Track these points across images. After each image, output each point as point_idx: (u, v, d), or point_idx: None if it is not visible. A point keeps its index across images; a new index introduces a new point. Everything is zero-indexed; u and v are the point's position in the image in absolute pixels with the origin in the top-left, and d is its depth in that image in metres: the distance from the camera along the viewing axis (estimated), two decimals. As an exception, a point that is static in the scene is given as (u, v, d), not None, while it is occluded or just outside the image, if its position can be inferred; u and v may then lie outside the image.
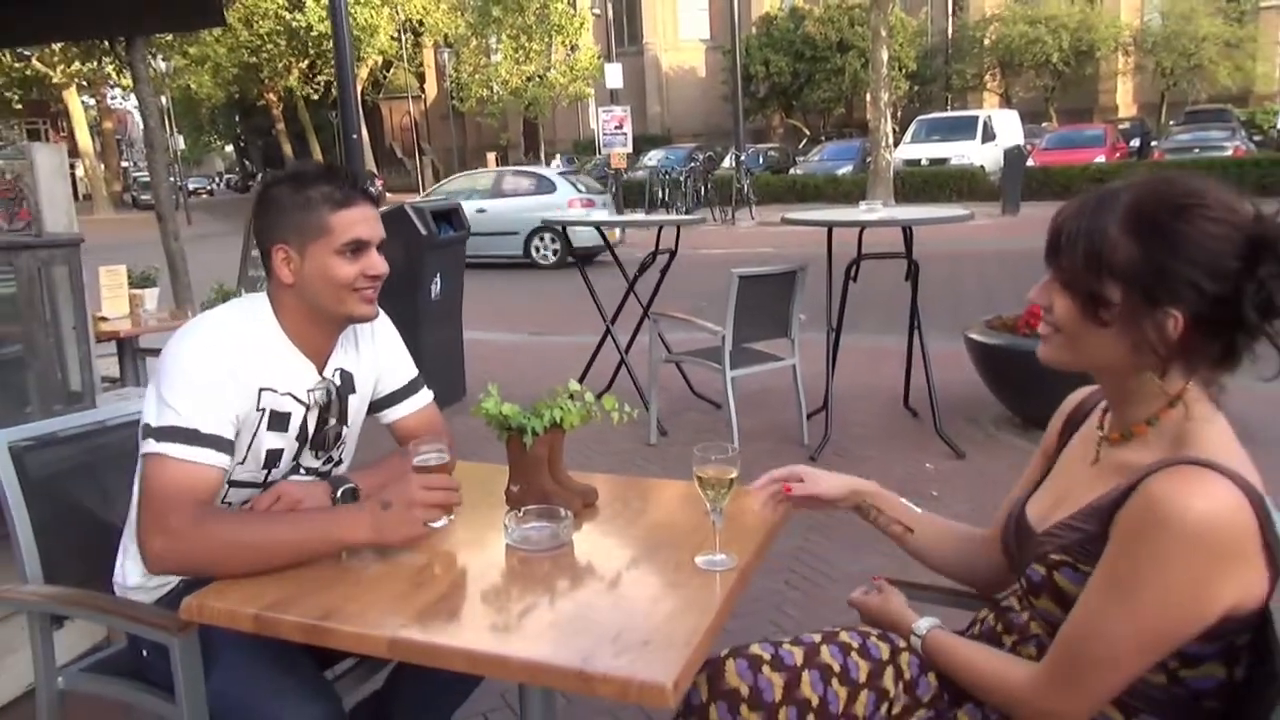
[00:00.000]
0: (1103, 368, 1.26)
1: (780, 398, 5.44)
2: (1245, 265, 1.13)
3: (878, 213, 4.70)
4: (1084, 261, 1.19)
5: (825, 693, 1.40)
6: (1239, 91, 32.18)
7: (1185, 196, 1.17)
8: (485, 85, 35.83)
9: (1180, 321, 1.15)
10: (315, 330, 1.73)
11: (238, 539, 1.48)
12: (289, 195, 1.66)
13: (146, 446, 1.54)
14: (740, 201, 19.24)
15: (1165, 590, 1.11)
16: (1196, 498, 1.09)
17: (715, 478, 1.51)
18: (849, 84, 35.33)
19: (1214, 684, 1.17)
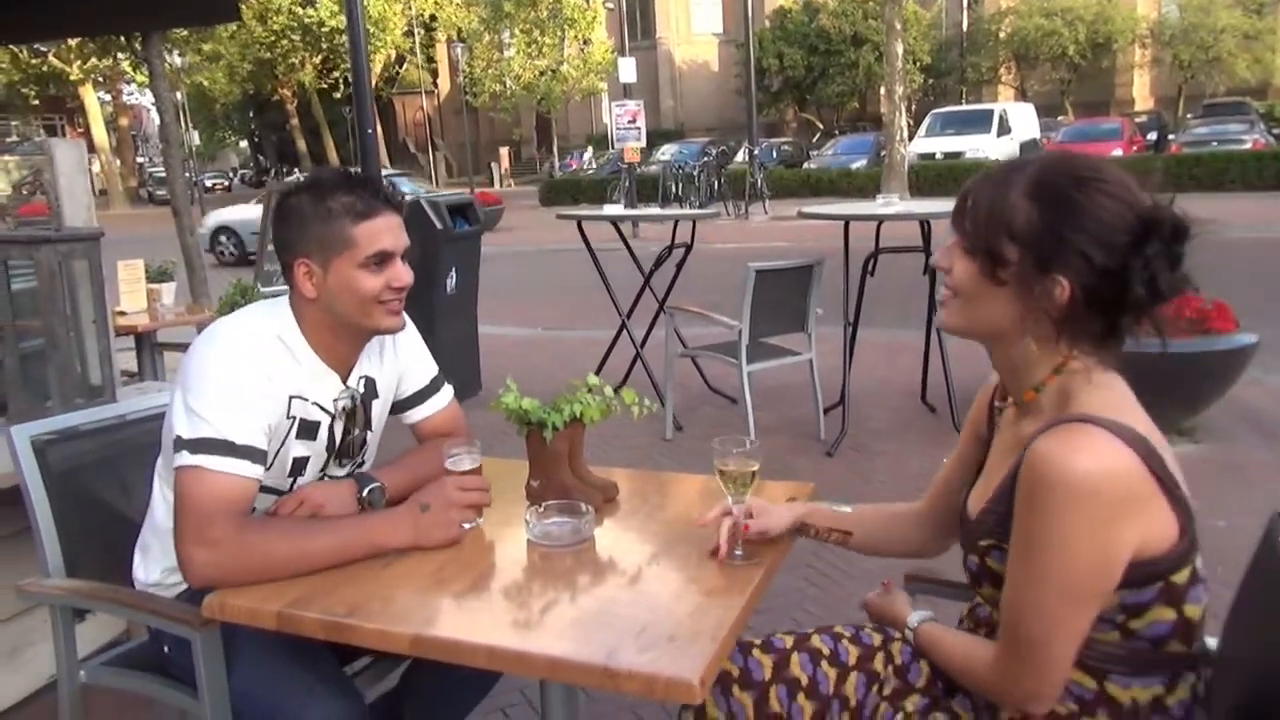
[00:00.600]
0: (995, 333, 1.28)
1: (796, 393, 5.42)
2: (1134, 242, 1.16)
3: (895, 206, 4.67)
4: (986, 224, 1.23)
5: (814, 673, 1.44)
6: (1258, 84, 31.85)
7: (1086, 170, 1.21)
8: (498, 80, 35.86)
9: (1067, 290, 1.18)
10: (339, 342, 1.70)
11: (280, 549, 1.47)
12: (309, 207, 1.61)
13: (181, 459, 1.52)
14: (754, 196, 19.18)
15: (1066, 546, 1.13)
16: (1077, 454, 1.11)
17: (736, 472, 1.50)
18: (863, 78, 35.20)
19: (1168, 627, 1.18)
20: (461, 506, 1.58)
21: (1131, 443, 1.13)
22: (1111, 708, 1.21)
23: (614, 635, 1.26)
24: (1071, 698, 1.22)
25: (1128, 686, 1.20)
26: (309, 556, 1.48)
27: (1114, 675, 1.21)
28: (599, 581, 1.44)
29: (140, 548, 1.80)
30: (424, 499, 1.58)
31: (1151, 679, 1.20)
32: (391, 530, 1.54)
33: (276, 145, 60.51)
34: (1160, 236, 1.16)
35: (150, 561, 1.76)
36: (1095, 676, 1.21)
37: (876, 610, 1.61)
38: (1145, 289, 1.16)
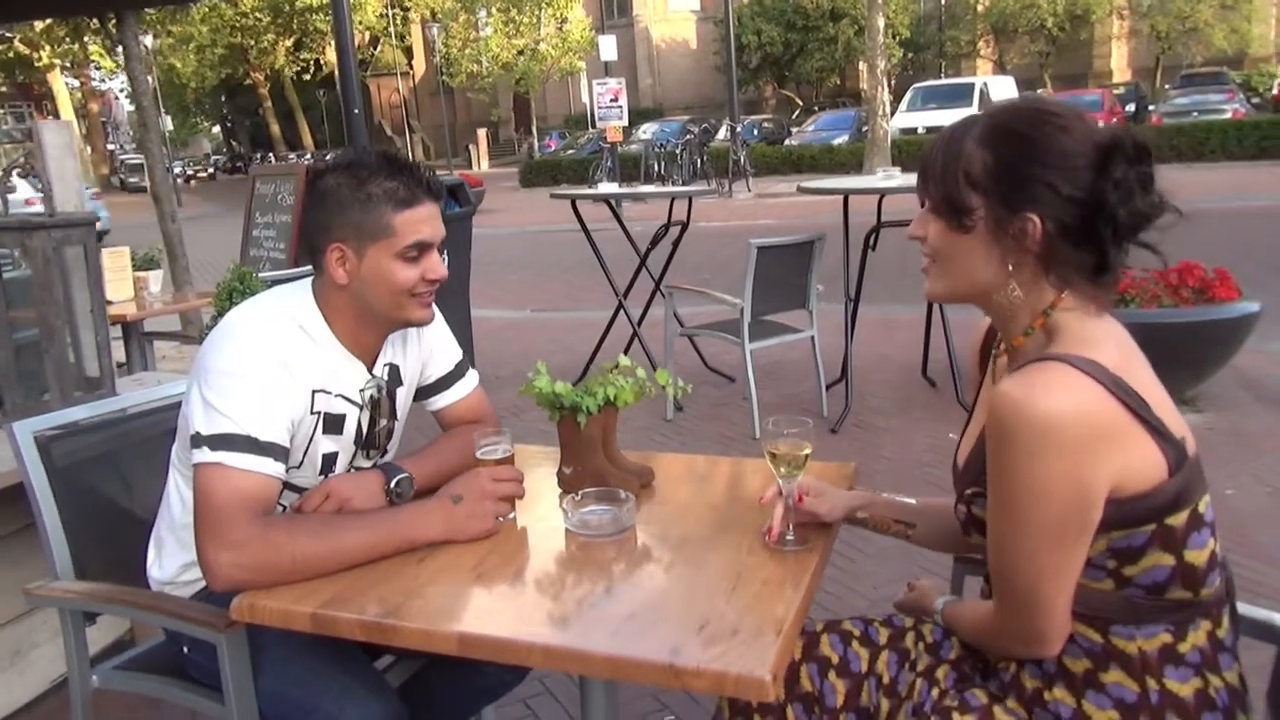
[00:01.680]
0: (980, 288, 1.25)
1: (796, 370, 5.37)
2: (1098, 166, 1.15)
3: (896, 179, 4.61)
4: (945, 178, 1.22)
5: (845, 652, 1.42)
6: (1235, 54, 31.91)
7: (1038, 109, 1.20)
8: (475, 60, 35.49)
9: (1039, 225, 1.16)
10: (366, 332, 1.62)
11: (308, 548, 1.39)
12: (348, 190, 1.52)
13: (200, 456, 1.44)
14: (737, 173, 19.09)
15: (1036, 487, 1.10)
16: (1037, 392, 1.09)
17: (789, 454, 1.43)
18: (841, 53, 35.09)
19: (1166, 572, 1.15)
20: (496, 498, 1.51)
21: (1098, 377, 1.10)
22: (1122, 660, 1.17)
23: (674, 630, 1.19)
24: (1083, 652, 1.19)
25: (1132, 638, 1.17)
26: (339, 554, 1.40)
27: (1115, 626, 1.17)
28: (647, 573, 1.38)
29: (154, 543, 1.72)
30: (456, 490, 1.51)
31: (1154, 628, 1.17)
32: (424, 524, 1.47)
33: (249, 130, 59.79)
34: (1124, 157, 1.15)
35: (165, 557, 1.68)
36: (1098, 629, 1.18)
37: (908, 608, 1.59)
38: (1122, 213, 1.14)
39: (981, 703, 1.27)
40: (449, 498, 1.50)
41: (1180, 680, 1.16)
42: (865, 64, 21.17)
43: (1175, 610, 1.17)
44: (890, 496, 1.56)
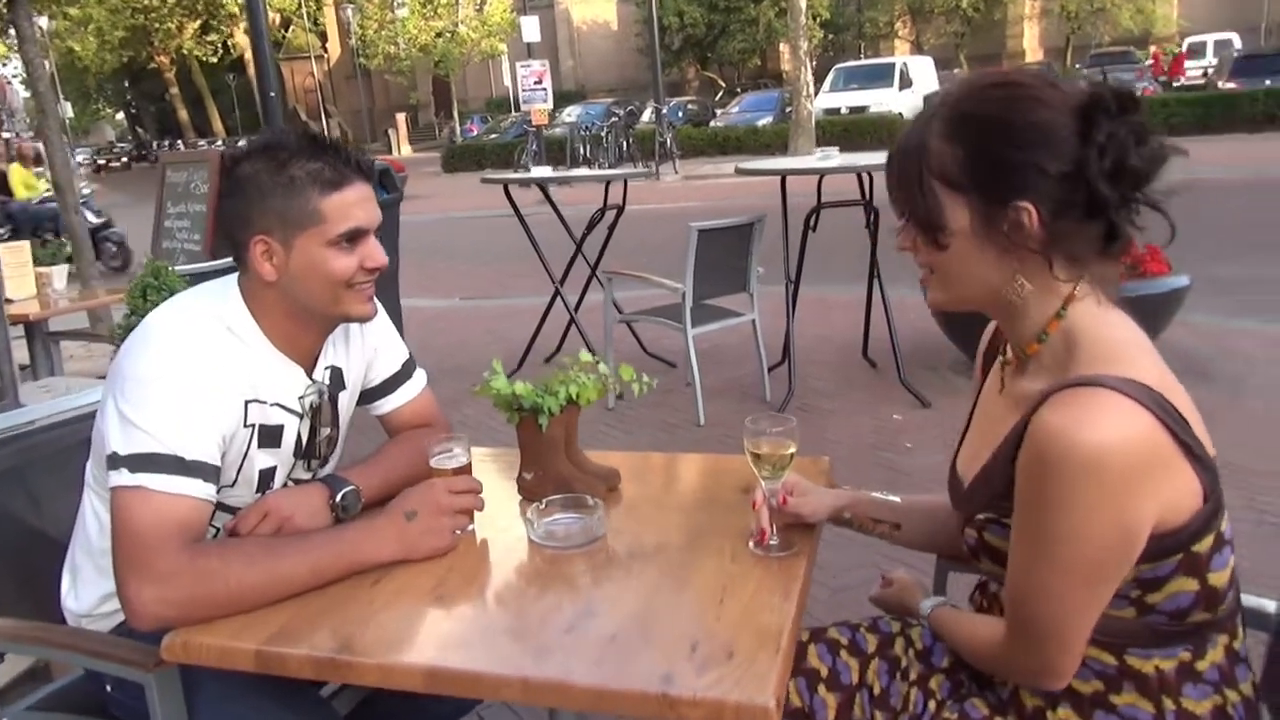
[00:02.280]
0: (988, 291, 1.14)
1: (735, 354, 5.31)
2: (1081, 134, 1.04)
3: (834, 160, 4.56)
4: (919, 185, 1.10)
5: (834, 663, 1.33)
6: (1140, 33, 32.95)
7: (1004, 84, 1.09)
8: (391, 42, 34.64)
9: (1034, 213, 1.06)
10: (302, 332, 1.47)
11: (244, 577, 1.24)
12: (267, 175, 1.37)
13: (119, 478, 1.28)
14: (664, 156, 18.98)
15: (1080, 528, 1.01)
16: (1085, 427, 0.98)
17: (772, 454, 1.34)
18: (763, 34, 35.20)
19: (1190, 598, 1.07)
20: (453, 511, 1.38)
21: (1146, 402, 1.00)
22: (1137, 680, 1.10)
23: (662, 655, 1.09)
24: (1094, 674, 1.12)
25: (1149, 657, 1.10)
26: (279, 582, 1.26)
27: (1132, 649, 1.10)
28: (626, 588, 1.27)
29: (69, 570, 1.55)
30: (409, 505, 1.37)
31: (1173, 649, 1.10)
32: (375, 544, 1.33)
33: (156, 117, 57.56)
34: (1107, 113, 1.04)
35: (82, 586, 1.52)
36: (1113, 652, 1.11)
37: (888, 604, 1.52)
38: (1119, 173, 1.04)
39: (983, 714, 1.20)
40: (401, 513, 1.36)
41: (1199, 698, 1.10)
42: (788, 45, 21.22)
43: (1194, 632, 1.10)
44: (875, 495, 1.47)
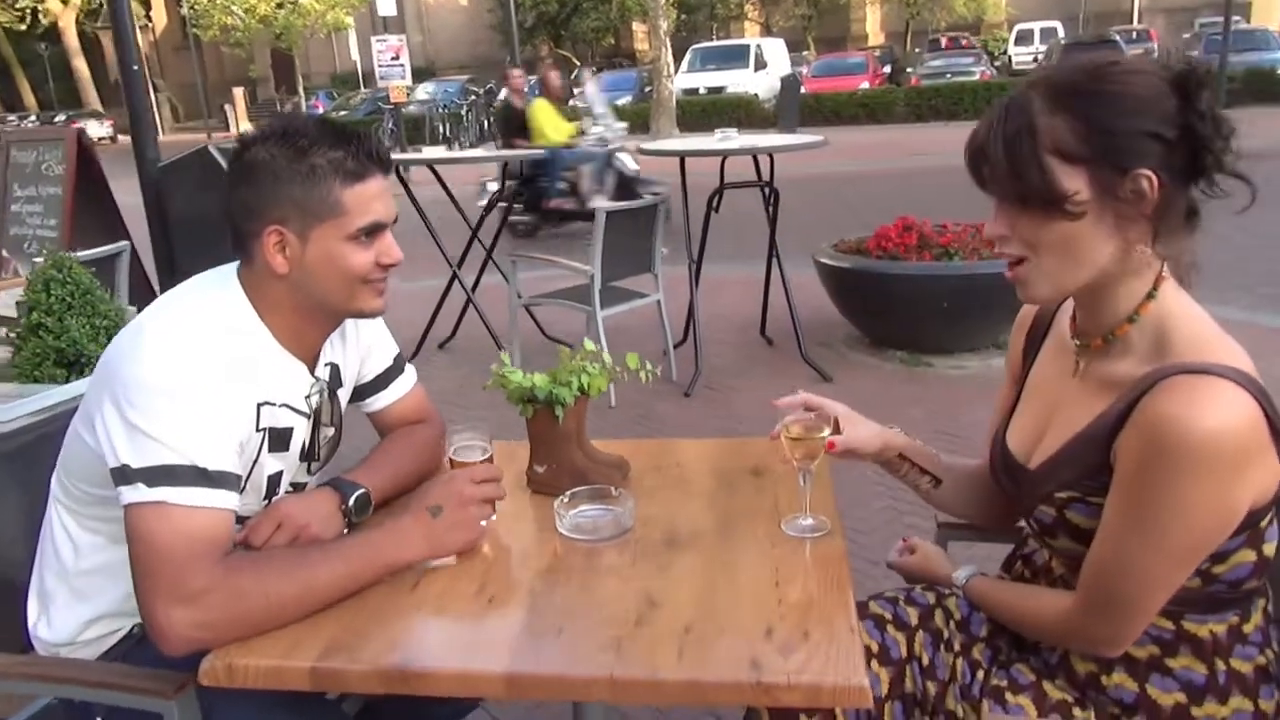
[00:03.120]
0: (1099, 271, 1.14)
1: (638, 334, 5.32)
2: (1181, 102, 1.08)
3: (734, 141, 4.63)
4: (1027, 165, 1.10)
5: (883, 639, 1.36)
6: (973, 20, 34.81)
7: (1095, 64, 1.12)
8: (227, 11, 32.72)
9: (1154, 180, 1.08)
10: (309, 327, 1.40)
11: (282, 592, 1.17)
12: (285, 162, 1.30)
13: (133, 494, 1.18)
14: (526, 135, 18.74)
15: (1188, 512, 1.06)
16: (1202, 413, 1.03)
17: (807, 436, 1.36)
18: (616, 13, 35.16)
19: (1249, 568, 1.15)
20: (478, 501, 1.34)
21: (1251, 390, 1.06)
22: (1193, 644, 1.18)
23: (742, 641, 1.10)
24: (1150, 639, 1.19)
25: (1204, 622, 1.18)
26: (316, 593, 1.20)
27: (1189, 615, 1.18)
28: (678, 578, 1.26)
29: (37, 596, 1.42)
30: (432, 500, 1.32)
31: (1225, 614, 1.18)
32: (404, 544, 1.28)
33: (-44, 90, 52.49)
34: (1200, 84, 1.09)
35: (56, 613, 1.39)
36: (1172, 618, 1.18)
37: (910, 571, 1.56)
38: (1217, 141, 1.09)
39: (1030, 680, 1.26)
40: (426, 510, 1.31)
41: (1245, 659, 1.18)
42: (648, 25, 21.25)
43: (1245, 597, 1.18)
44: (924, 445, 1.48)
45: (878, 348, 5.01)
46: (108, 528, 1.34)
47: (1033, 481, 1.26)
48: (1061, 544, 1.24)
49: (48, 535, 1.41)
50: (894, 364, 4.80)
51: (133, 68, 5.00)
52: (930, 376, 4.59)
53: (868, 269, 4.78)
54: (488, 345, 5.22)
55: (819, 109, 20.07)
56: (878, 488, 3.38)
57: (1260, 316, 5.14)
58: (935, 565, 1.50)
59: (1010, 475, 1.33)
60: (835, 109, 20.17)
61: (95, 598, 1.39)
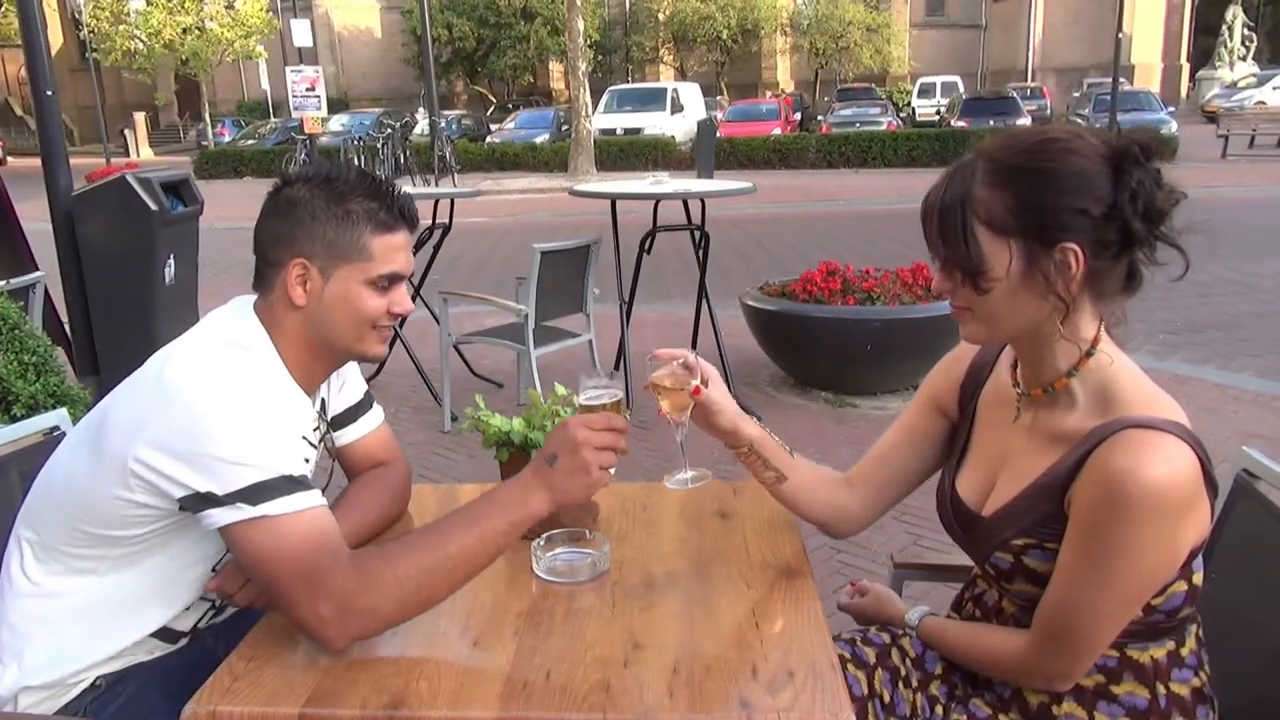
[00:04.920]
0: (1026, 327, 1.23)
1: (564, 372, 5.32)
2: (1115, 179, 1.15)
3: (667, 185, 4.72)
4: (964, 231, 1.18)
5: (845, 677, 1.37)
6: (879, 72, 36.25)
7: (1037, 136, 1.20)
8: (130, 36, 31.79)
9: (1080, 254, 1.15)
10: (316, 363, 1.43)
11: (415, 569, 1.20)
12: (324, 203, 1.36)
13: (232, 514, 1.20)
14: (443, 170, 18.67)
15: (1140, 556, 1.15)
16: (1152, 465, 1.12)
17: (675, 387, 1.40)
18: (534, 52, 35.45)
19: (1181, 597, 1.23)
20: (593, 446, 1.30)
21: (1190, 443, 1.15)
22: (1135, 670, 1.26)
23: (729, 680, 1.13)
24: (1096, 669, 1.26)
25: (1145, 649, 1.26)
26: (451, 562, 1.22)
27: (1131, 644, 1.26)
28: (660, 619, 1.29)
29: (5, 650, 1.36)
30: (549, 450, 1.31)
31: (1164, 640, 1.27)
32: (526, 497, 1.27)
33: None
34: (1135, 161, 1.15)
35: (24, 664, 1.33)
36: (1116, 648, 1.25)
37: (863, 613, 1.60)
38: (1147, 215, 1.15)
39: (986, 714, 1.31)
40: (543, 460, 1.30)
41: (1182, 682, 1.26)
42: (566, 65, 21.48)
43: (1180, 625, 1.26)
44: (780, 442, 1.50)
45: (803, 388, 5.13)
46: (99, 567, 1.33)
47: (988, 529, 1.32)
48: (1017, 587, 1.29)
49: (7, 585, 1.36)
50: (820, 404, 4.92)
51: (46, 92, 4.84)
52: (855, 416, 4.72)
53: (794, 312, 4.91)
54: (415, 382, 5.16)
55: (734, 153, 20.53)
56: (811, 527, 3.45)
57: (1166, 364, 5.48)
58: (887, 606, 1.55)
59: (961, 522, 1.39)
60: (749, 153, 20.66)
61: (57, 651, 1.34)
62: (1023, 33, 37.33)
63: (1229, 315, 6.65)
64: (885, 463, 1.50)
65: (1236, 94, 30.80)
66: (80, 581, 1.33)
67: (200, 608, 1.44)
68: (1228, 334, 6.16)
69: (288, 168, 18.03)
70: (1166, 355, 5.60)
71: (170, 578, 1.37)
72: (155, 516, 1.28)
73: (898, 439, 1.51)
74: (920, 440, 1.49)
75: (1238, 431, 4.31)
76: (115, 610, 1.35)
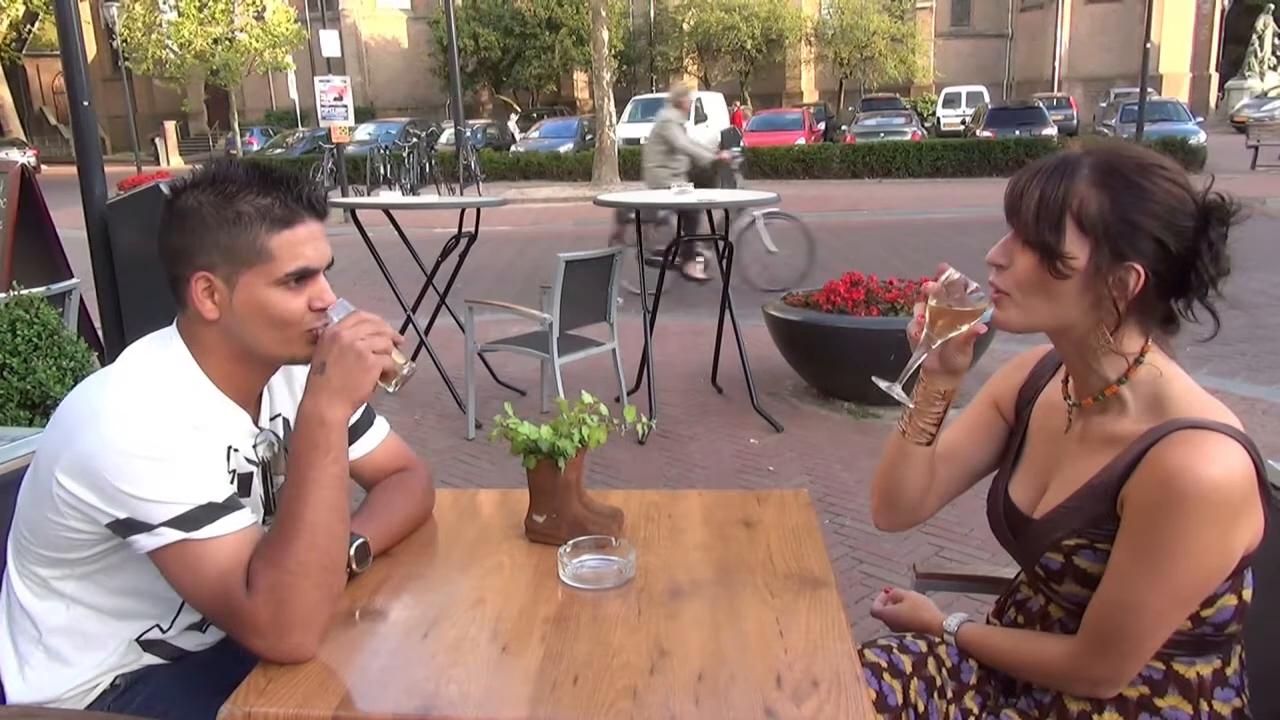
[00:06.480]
0: (1058, 327, 1.27)
1: (591, 382, 5.35)
2: (1199, 226, 1.19)
3: (690, 195, 4.73)
4: (1054, 216, 1.20)
5: (880, 686, 1.40)
6: (904, 82, 36.17)
7: (1146, 157, 1.23)
8: (161, 45, 32.23)
9: (1142, 276, 1.19)
10: (244, 372, 1.41)
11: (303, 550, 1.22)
12: (212, 209, 1.31)
13: (158, 539, 1.22)
14: (468, 179, 18.78)
15: (1194, 555, 1.16)
16: (1208, 463, 1.14)
17: (966, 310, 1.31)
18: (559, 62, 35.62)
19: (1231, 611, 1.24)
20: (359, 337, 1.30)
21: (1245, 445, 1.17)
22: (1180, 684, 1.27)
23: (754, 689, 1.14)
24: (1141, 680, 1.27)
25: (1192, 664, 1.27)
26: (321, 519, 1.24)
27: (1179, 657, 1.26)
28: (685, 627, 1.30)
29: (10, 653, 1.39)
30: (316, 362, 1.31)
31: (1211, 656, 1.27)
32: (320, 417, 1.27)
33: None
34: (1220, 220, 1.19)
35: (32, 673, 1.37)
36: (1162, 659, 1.27)
37: (897, 620, 1.62)
38: (1210, 271, 1.19)
39: None
40: (315, 374, 1.30)
41: (1225, 701, 1.26)
42: (590, 75, 21.54)
43: (1226, 642, 1.27)
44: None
45: (826, 398, 5.13)
46: (65, 588, 1.35)
47: (1039, 531, 1.34)
48: (1067, 589, 1.31)
49: (8, 598, 1.40)
50: (842, 414, 4.92)
51: (83, 103, 4.93)
52: (878, 427, 4.71)
53: (818, 322, 4.91)
54: (440, 389, 5.20)
55: (757, 163, 20.51)
56: (835, 537, 3.46)
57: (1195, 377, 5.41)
58: (923, 613, 1.56)
59: (1012, 525, 1.40)
60: (774, 163, 20.65)
61: (71, 657, 1.37)
62: (1049, 42, 37.14)
63: (1258, 328, 6.59)
64: (947, 460, 1.52)
65: (1267, 104, 30.49)
66: (54, 604, 1.36)
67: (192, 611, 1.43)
68: (1257, 346, 6.11)
69: (315, 176, 18.22)
70: (1195, 368, 5.53)
71: (146, 589, 1.36)
72: (93, 540, 1.29)
73: (960, 437, 1.53)
74: (983, 439, 1.52)
75: (1265, 445, 4.26)
76: (99, 624, 1.37)
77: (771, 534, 1.59)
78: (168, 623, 1.42)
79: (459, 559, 1.53)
